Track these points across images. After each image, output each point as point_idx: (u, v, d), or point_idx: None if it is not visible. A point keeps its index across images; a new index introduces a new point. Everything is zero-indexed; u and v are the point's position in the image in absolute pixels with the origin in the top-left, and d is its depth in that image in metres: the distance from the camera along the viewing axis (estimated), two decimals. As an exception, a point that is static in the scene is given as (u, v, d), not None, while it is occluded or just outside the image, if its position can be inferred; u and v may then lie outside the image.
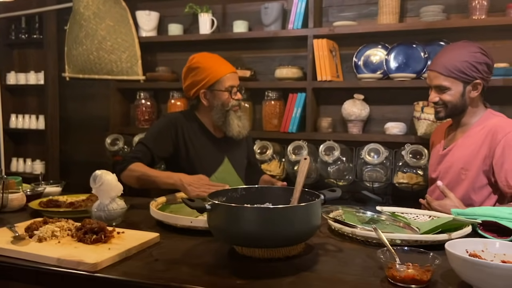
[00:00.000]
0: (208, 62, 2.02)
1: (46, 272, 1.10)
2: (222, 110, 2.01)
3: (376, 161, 2.43)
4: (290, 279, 1.04)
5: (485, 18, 2.35)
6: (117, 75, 3.06)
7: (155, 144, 1.98)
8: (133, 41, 3.01)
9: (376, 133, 2.63)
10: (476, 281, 0.95)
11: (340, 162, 2.54)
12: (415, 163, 2.35)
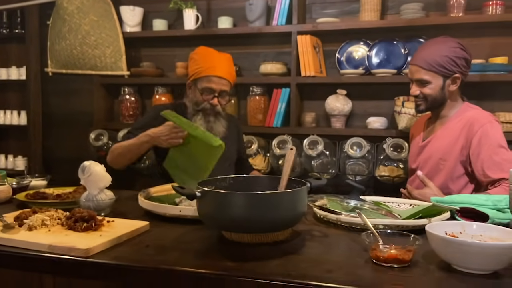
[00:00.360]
0: (201, 57, 2.04)
1: (38, 258, 1.11)
2: (194, 107, 2.03)
3: (359, 155, 2.49)
4: (278, 261, 1.07)
5: (462, 15, 2.44)
6: (101, 70, 3.06)
7: (141, 132, 1.99)
8: (117, 36, 3.01)
9: (359, 128, 2.70)
10: (454, 259, 1.01)
11: (324, 156, 2.59)
12: (396, 156, 2.42)
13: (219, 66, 2.00)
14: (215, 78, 1.98)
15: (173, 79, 3.06)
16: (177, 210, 1.44)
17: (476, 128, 1.73)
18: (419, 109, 1.90)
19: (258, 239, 1.21)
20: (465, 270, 0.99)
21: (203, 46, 2.10)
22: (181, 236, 1.28)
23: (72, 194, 1.71)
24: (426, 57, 1.80)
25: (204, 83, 1.98)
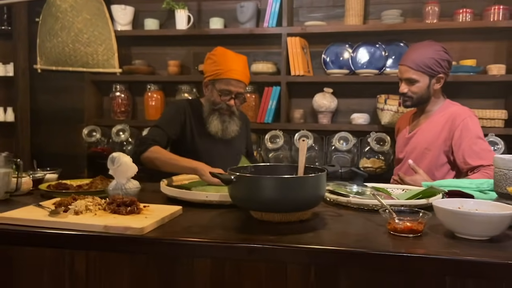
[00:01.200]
0: (221, 59, 2.11)
1: (98, 237, 1.22)
2: (211, 107, 2.15)
3: (345, 148, 2.71)
4: (312, 234, 1.25)
5: (436, 22, 2.70)
6: (93, 67, 3.10)
7: (169, 127, 2.11)
8: (110, 34, 3.07)
9: (343, 123, 2.92)
10: (458, 228, 1.21)
11: (312, 150, 2.79)
12: (379, 148, 2.65)
13: (237, 69, 2.09)
14: (234, 81, 2.07)
15: (165, 77, 3.17)
16: (203, 196, 1.58)
17: (458, 122, 1.98)
18: (406, 104, 2.13)
19: (287, 218, 1.37)
20: (467, 237, 1.20)
21: (221, 47, 2.17)
22: (214, 218, 1.42)
23: (95, 185, 1.81)
24: (415, 59, 2.03)
25: (223, 85, 2.07)
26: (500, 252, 1.11)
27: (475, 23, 2.68)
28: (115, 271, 1.26)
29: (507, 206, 1.24)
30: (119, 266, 1.25)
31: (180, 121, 2.13)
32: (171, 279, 1.22)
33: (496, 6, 2.63)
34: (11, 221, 1.31)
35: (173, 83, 3.12)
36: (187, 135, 2.16)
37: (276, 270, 1.16)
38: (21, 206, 1.53)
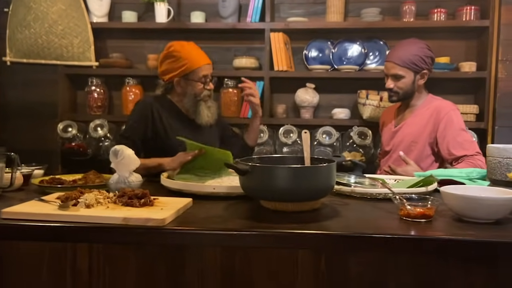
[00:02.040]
0: (185, 52, 2.15)
1: (118, 228, 1.20)
2: (195, 99, 2.17)
3: (328, 142, 2.77)
4: (330, 222, 1.28)
5: (413, 21, 2.82)
6: (68, 60, 3.01)
7: (135, 133, 2.12)
8: (86, 26, 2.98)
9: (325, 118, 2.98)
10: (466, 212, 1.28)
11: (296, 144, 2.84)
12: (361, 142, 2.74)
13: (202, 55, 2.19)
14: (206, 66, 2.16)
15: (143, 71, 3.10)
16: (211, 188, 1.58)
17: (442, 115, 2.09)
18: (392, 99, 2.22)
19: (300, 208, 1.39)
20: (474, 220, 1.27)
21: (174, 42, 2.19)
22: (227, 209, 1.43)
23: (91, 179, 1.76)
24: (401, 56, 2.12)
25: (200, 73, 2.13)
26: (507, 233, 1.19)
27: (448, 22, 2.82)
28: (122, 264, 1.24)
29: (509, 191, 1.33)
30: (126, 259, 1.23)
31: (146, 121, 2.13)
32: (193, 270, 1.22)
33: (468, 7, 2.79)
34: (23, 216, 1.25)
35: (152, 77, 3.06)
36: (160, 131, 2.15)
37: (309, 257, 1.18)
38: (18, 201, 1.47)
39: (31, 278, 1.26)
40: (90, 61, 3.01)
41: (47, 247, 1.27)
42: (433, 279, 1.16)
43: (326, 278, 1.19)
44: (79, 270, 1.27)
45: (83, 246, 1.25)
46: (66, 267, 1.26)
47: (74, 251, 1.25)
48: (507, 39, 2.68)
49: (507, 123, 2.71)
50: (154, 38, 3.11)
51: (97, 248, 1.24)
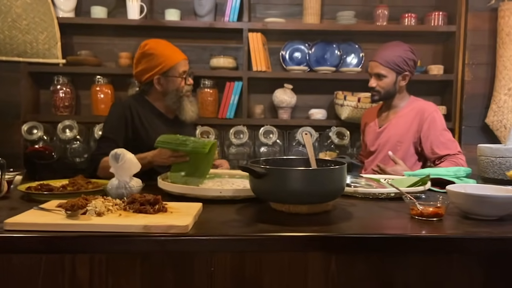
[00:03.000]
0: (161, 49, 2.12)
1: (139, 237, 1.14)
2: (177, 95, 2.14)
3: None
4: (345, 224, 1.28)
5: (386, 24, 2.92)
6: (32, 57, 2.82)
7: (116, 133, 2.05)
8: (52, 21, 2.81)
9: (302, 118, 3.01)
10: (473, 209, 1.34)
11: (276, 144, 2.84)
12: (339, 142, 2.80)
13: (177, 51, 2.17)
14: (184, 61, 2.14)
15: (113, 69, 2.97)
16: (217, 192, 1.54)
17: (426, 116, 2.18)
18: (374, 99, 2.29)
19: (313, 210, 1.40)
20: (479, 217, 1.34)
21: (149, 40, 2.16)
22: (239, 213, 1.39)
23: (84, 185, 1.66)
24: (385, 56, 2.19)
25: (180, 68, 2.11)
26: (496, 227, 1.25)
27: (418, 26, 2.95)
28: (126, 274, 1.18)
29: (510, 189, 1.40)
30: (130, 268, 1.18)
31: (126, 122, 2.07)
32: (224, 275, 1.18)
33: (436, 12, 2.92)
34: (30, 226, 1.16)
35: (124, 76, 2.94)
36: (140, 132, 2.10)
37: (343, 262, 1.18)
38: (10, 211, 1.36)
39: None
40: (57, 59, 2.84)
41: (43, 259, 1.18)
42: (455, 274, 1.20)
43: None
44: (79, 282, 1.19)
45: (83, 256, 1.17)
46: (64, 280, 1.18)
47: (73, 262, 1.17)
48: (473, 44, 2.85)
49: (473, 123, 2.88)
50: (125, 35, 2.99)
51: (99, 258, 1.17)
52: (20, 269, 1.17)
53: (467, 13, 2.84)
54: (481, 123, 2.87)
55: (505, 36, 2.75)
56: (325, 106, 3.04)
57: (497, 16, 2.79)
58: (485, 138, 2.85)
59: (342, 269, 1.19)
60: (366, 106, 2.71)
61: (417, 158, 2.24)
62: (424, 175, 1.82)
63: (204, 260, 1.17)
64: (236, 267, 1.18)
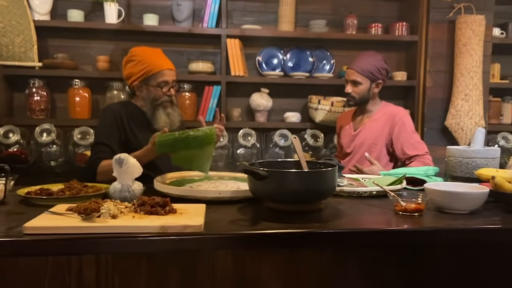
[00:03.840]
0: (145, 56, 2.18)
1: (157, 237, 1.21)
2: (152, 104, 2.19)
3: (284, 144, 2.94)
4: (341, 221, 1.41)
5: (355, 33, 3.11)
6: (7, 60, 2.78)
7: (110, 138, 2.11)
8: (29, 24, 2.78)
9: (278, 121, 3.15)
10: (448, 204, 1.51)
11: (254, 147, 2.96)
12: (314, 143, 2.95)
13: (164, 60, 2.21)
14: (167, 71, 2.17)
15: (90, 73, 2.98)
16: (217, 193, 1.63)
17: (397, 120, 2.37)
18: (349, 103, 2.47)
19: (307, 208, 1.52)
20: (453, 212, 1.51)
21: (137, 47, 2.23)
22: (242, 213, 1.48)
23: (77, 188, 1.69)
24: (361, 65, 2.36)
25: (159, 78, 2.15)
26: (481, 221, 1.43)
27: (383, 36, 3.16)
28: (131, 273, 1.26)
29: (481, 187, 1.59)
30: (135, 268, 1.25)
31: (118, 128, 2.13)
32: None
33: (400, 23, 3.15)
34: (49, 230, 1.20)
35: (102, 79, 2.96)
36: (130, 138, 2.16)
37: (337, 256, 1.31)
38: (16, 215, 1.40)
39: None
40: (33, 62, 2.81)
41: (50, 261, 1.24)
42: (435, 261, 1.37)
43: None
44: (86, 283, 1.26)
45: (90, 257, 1.23)
46: (70, 281, 1.24)
47: (80, 263, 1.23)
48: (433, 52, 3.09)
49: (434, 125, 3.12)
50: (103, 38, 3.01)
51: (105, 259, 1.24)
52: (26, 271, 1.21)
53: (428, 24, 3.07)
54: (441, 125, 3.12)
55: (462, 46, 3.01)
56: (299, 110, 3.19)
57: (455, 27, 3.05)
58: (445, 139, 3.11)
59: (342, 261, 1.32)
60: (339, 110, 2.89)
61: (389, 158, 2.43)
62: (400, 175, 2.01)
63: (222, 256, 1.26)
64: (247, 263, 1.29)
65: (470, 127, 3.03)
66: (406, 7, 3.25)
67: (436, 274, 1.38)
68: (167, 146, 1.86)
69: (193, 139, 1.84)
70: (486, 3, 3.06)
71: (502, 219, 1.45)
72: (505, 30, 3.29)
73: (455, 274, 1.38)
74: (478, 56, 3.01)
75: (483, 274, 1.40)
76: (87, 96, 2.94)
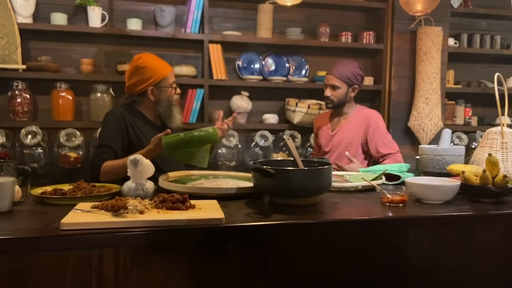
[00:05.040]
0: (153, 62, 2.32)
1: (186, 229, 1.35)
2: (168, 104, 2.34)
3: (265, 144, 3.12)
4: (340, 212, 1.63)
5: (328, 41, 3.34)
6: (-10, 62, 2.77)
7: (113, 141, 2.20)
8: (13, 27, 2.79)
9: (257, 123, 3.32)
10: (426, 195, 1.74)
11: (236, 147, 3.12)
12: (295, 143, 3.15)
13: (166, 64, 2.38)
14: (171, 73, 2.37)
15: (73, 75, 3.02)
16: (223, 190, 1.78)
17: (371, 121, 2.62)
18: (328, 106, 2.69)
19: (307, 202, 1.70)
20: (430, 202, 1.75)
21: (142, 54, 2.35)
22: (251, 207, 1.62)
23: (87, 187, 1.78)
24: (340, 71, 2.59)
25: (170, 79, 2.33)
26: (454, 209, 1.69)
27: (353, 44, 3.41)
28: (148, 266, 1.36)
29: (453, 180, 1.85)
30: (152, 261, 1.35)
31: (121, 130, 2.24)
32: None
33: (367, 32, 3.42)
34: (86, 226, 1.30)
35: (85, 82, 3.01)
36: (134, 141, 2.27)
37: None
38: (39, 214, 1.49)
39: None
40: (17, 64, 2.82)
41: (71, 256, 1.32)
42: (419, 242, 1.60)
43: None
44: (106, 277, 1.37)
45: (109, 251, 1.32)
46: (91, 274, 1.33)
47: (100, 257, 1.32)
48: (397, 60, 3.38)
49: (398, 126, 3.42)
50: (87, 41, 3.06)
51: (124, 252, 1.33)
52: (48, 267, 1.27)
53: (393, 34, 3.36)
54: (405, 126, 3.42)
55: (423, 54, 3.32)
56: (276, 111, 3.39)
57: (416, 38, 3.36)
58: (408, 139, 3.41)
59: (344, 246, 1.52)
60: (315, 112, 3.11)
61: (363, 156, 2.67)
62: (377, 171, 2.25)
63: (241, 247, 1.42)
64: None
65: (430, 128, 3.35)
66: (373, 17, 3.53)
67: (421, 252, 1.60)
68: (174, 147, 1.98)
69: (198, 139, 1.98)
70: (442, 15, 3.38)
71: (472, 207, 1.70)
72: (458, 40, 3.65)
73: (435, 252, 1.61)
74: (436, 63, 3.33)
75: (456, 252, 1.65)
76: (71, 98, 2.98)
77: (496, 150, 1.96)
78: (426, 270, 1.60)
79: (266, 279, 1.44)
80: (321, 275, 1.49)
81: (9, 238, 1.25)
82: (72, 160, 2.91)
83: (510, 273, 1.69)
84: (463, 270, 1.64)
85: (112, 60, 3.10)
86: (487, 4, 3.65)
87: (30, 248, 1.27)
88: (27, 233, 1.30)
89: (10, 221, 1.43)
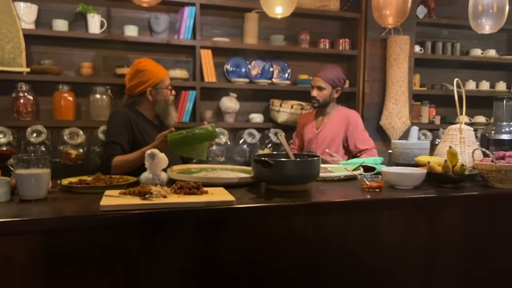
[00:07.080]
0: (151, 66, 2.58)
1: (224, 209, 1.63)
2: (165, 104, 2.60)
3: (252, 141, 3.41)
4: (328, 195, 1.93)
5: (308, 47, 3.67)
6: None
7: (121, 138, 2.43)
8: (18, 32, 2.98)
9: (244, 122, 3.61)
10: (398, 182, 2.07)
11: (225, 144, 3.40)
12: (277, 140, 3.45)
13: (162, 67, 2.64)
14: (167, 76, 2.63)
15: (73, 78, 3.22)
16: (227, 180, 2.06)
17: (351, 120, 2.96)
18: (314, 106, 3.01)
19: (300, 188, 2.00)
20: (401, 187, 2.08)
21: (141, 59, 2.61)
22: (253, 193, 1.89)
23: (115, 180, 2.02)
24: (326, 74, 2.92)
25: (166, 81, 2.59)
26: (421, 192, 2.03)
27: (330, 50, 3.75)
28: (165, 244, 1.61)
29: (420, 169, 2.19)
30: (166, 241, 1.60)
31: (127, 128, 2.47)
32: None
33: (343, 39, 3.76)
34: (122, 207, 1.55)
35: (85, 84, 3.22)
36: (139, 140, 2.50)
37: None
38: (74, 200, 1.72)
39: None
40: (21, 67, 3.01)
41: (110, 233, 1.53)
42: (395, 220, 1.93)
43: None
44: (135, 250, 1.60)
45: (133, 231, 1.55)
46: (126, 247, 1.57)
47: (132, 234, 1.55)
48: (370, 65, 3.74)
49: (371, 124, 3.77)
50: (86, 46, 3.27)
51: (146, 232, 1.55)
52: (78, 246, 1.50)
53: (366, 41, 3.72)
54: (377, 125, 3.78)
55: (392, 60, 3.69)
56: (261, 111, 3.69)
57: (387, 45, 3.73)
58: (380, 136, 3.77)
59: (337, 226, 1.83)
60: (298, 112, 3.43)
61: (344, 151, 3.01)
62: (356, 164, 2.58)
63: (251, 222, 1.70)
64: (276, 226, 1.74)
65: (399, 126, 3.72)
66: (348, 26, 3.88)
67: (394, 229, 1.93)
68: (178, 144, 2.24)
69: (198, 136, 2.25)
70: (409, 25, 3.76)
71: (436, 191, 2.04)
72: (423, 47, 4.05)
73: (406, 229, 1.94)
74: (404, 68, 3.71)
75: (423, 229, 1.98)
76: (72, 99, 3.18)
77: (456, 144, 2.32)
78: (398, 245, 1.92)
79: (267, 248, 1.73)
80: (310, 247, 1.78)
81: (60, 217, 1.49)
82: (73, 157, 3.12)
83: (468, 246, 2.04)
84: (430, 244, 1.97)
85: (110, 63, 3.33)
86: (449, 15, 4.07)
87: (74, 227, 1.50)
88: (74, 214, 1.54)
89: (51, 206, 1.65)
